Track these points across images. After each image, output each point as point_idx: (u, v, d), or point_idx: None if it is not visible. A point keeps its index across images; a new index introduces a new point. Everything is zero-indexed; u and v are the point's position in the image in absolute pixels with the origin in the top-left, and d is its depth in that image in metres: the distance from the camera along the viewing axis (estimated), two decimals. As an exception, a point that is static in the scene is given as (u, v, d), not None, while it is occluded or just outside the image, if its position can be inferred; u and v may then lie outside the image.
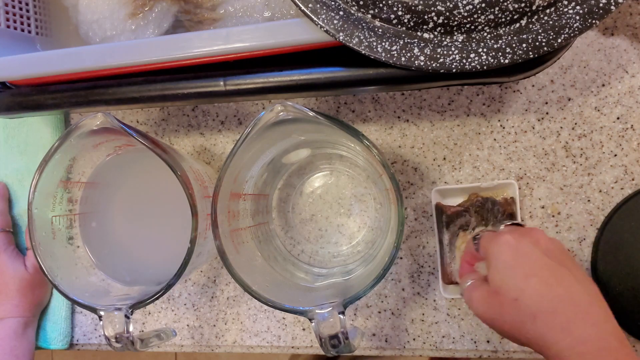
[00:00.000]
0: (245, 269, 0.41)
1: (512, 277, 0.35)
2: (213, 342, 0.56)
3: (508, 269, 0.35)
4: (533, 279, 0.34)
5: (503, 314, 0.35)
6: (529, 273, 0.34)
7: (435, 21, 0.37)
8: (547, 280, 0.34)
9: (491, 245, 0.37)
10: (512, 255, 0.35)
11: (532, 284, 0.34)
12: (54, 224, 0.46)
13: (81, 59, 0.44)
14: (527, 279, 0.34)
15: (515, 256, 0.35)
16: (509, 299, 0.34)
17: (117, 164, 0.50)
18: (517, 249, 0.35)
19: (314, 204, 0.54)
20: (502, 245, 0.36)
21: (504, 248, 0.36)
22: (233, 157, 0.40)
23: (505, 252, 0.35)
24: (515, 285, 0.34)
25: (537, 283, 0.34)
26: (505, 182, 0.49)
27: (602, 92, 0.49)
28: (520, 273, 0.34)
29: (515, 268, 0.35)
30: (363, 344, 0.53)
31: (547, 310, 0.33)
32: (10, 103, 0.48)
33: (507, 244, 0.36)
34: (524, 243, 0.36)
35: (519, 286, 0.34)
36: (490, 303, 0.36)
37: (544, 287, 0.34)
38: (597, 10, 0.35)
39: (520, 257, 0.35)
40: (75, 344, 0.59)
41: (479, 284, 0.38)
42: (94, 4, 0.49)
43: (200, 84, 0.44)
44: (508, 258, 0.35)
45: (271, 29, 0.41)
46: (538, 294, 0.34)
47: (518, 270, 0.35)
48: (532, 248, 0.35)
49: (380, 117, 0.52)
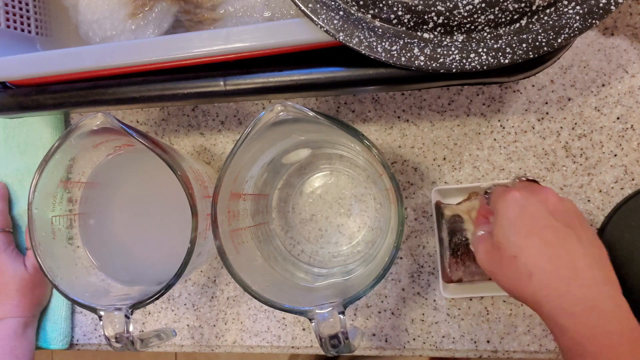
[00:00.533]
0: (245, 269, 0.41)
1: (513, 234, 0.35)
2: (213, 342, 0.56)
3: (511, 226, 0.35)
4: (533, 238, 0.34)
5: (502, 268, 0.35)
6: (531, 231, 0.34)
7: (435, 21, 0.37)
8: (547, 239, 0.34)
9: (499, 200, 0.37)
10: (517, 213, 0.35)
11: (531, 243, 0.34)
12: (54, 224, 0.46)
13: (81, 59, 0.44)
14: (528, 237, 0.34)
15: (520, 214, 0.35)
16: (508, 255, 0.35)
17: (117, 164, 0.50)
18: (523, 206, 0.35)
19: (314, 204, 0.54)
20: (509, 201, 0.36)
21: (511, 204, 0.36)
22: (233, 157, 0.40)
23: (511, 209, 0.36)
24: (515, 242, 0.35)
25: (537, 242, 0.34)
26: (505, 182, 0.49)
27: (602, 92, 0.49)
28: (522, 231, 0.35)
29: (518, 226, 0.35)
30: (363, 344, 0.53)
31: (544, 269, 0.33)
32: (10, 103, 0.48)
33: (514, 200, 0.36)
34: (531, 201, 0.35)
35: (519, 244, 0.34)
36: (492, 256, 0.36)
37: (544, 246, 0.34)
38: (597, 10, 0.35)
39: (524, 215, 0.35)
40: (75, 344, 0.59)
41: (486, 237, 0.38)
42: (94, 4, 0.49)
43: (200, 84, 0.44)
44: (512, 215, 0.35)
45: (271, 29, 0.41)
46: (536, 252, 0.34)
47: (520, 228, 0.35)
48: (539, 207, 0.35)
49: (380, 117, 0.52)
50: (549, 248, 0.34)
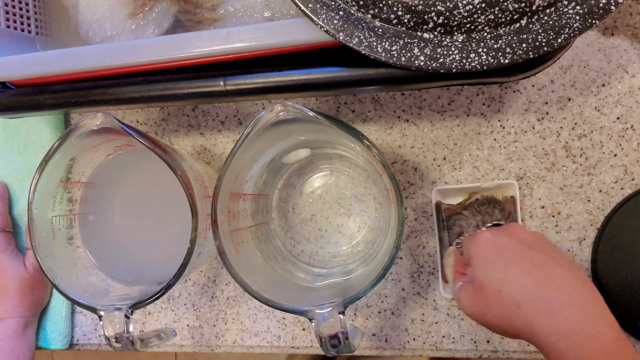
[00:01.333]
0: (245, 269, 0.41)
1: (493, 270, 0.35)
2: (213, 342, 0.56)
3: (488, 263, 0.36)
4: (513, 268, 0.35)
5: (489, 307, 0.35)
6: (509, 263, 0.35)
7: (435, 21, 0.37)
8: (527, 267, 0.34)
9: (471, 244, 0.38)
10: (491, 250, 0.36)
11: (513, 274, 0.34)
12: (54, 224, 0.46)
13: (81, 59, 0.44)
14: (508, 269, 0.35)
15: (494, 250, 0.36)
16: (492, 291, 0.35)
17: (117, 164, 0.50)
18: (495, 243, 0.36)
19: (314, 204, 0.54)
20: (480, 242, 0.37)
21: (483, 244, 0.37)
22: (233, 157, 0.40)
23: (484, 248, 0.36)
24: (497, 277, 0.35)
25: (518, 272, 0.34)
26: (505, 182, 0.49)
27: (602, 92, 0.49)
28: (501, 265, 0.35)
29: (495, 261, 0.35)
30: (363, 344, 0.53)
31: (531, 296, 0.33)
32: (10, 103, 0.48)
33: (485, 240, 0.37)
34: (501, 237, 0.37)
35: (501, 277, 0.35)
36: (476, 299, 0.36)
37: (525, 274, 0.34)
38: (597, 10, 0.35)
39: (499, 251, 0.36)
40: (75, 344, 0.59)
41: (466, 284, 0.38)
42: (94, 4, 0.49)
43: (200, 84, 0.44)
44: (487, 253, 0.36)
45: (271, 29, 0.41)
46: (520, 282, 0.34)
47: (498, 263, 0.35)
48: (510, 240, 0.36)
49: (380, 117, 0.52)
50: (530, 275, 0.34)
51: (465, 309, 0.38)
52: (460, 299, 0.38)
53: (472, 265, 0.37)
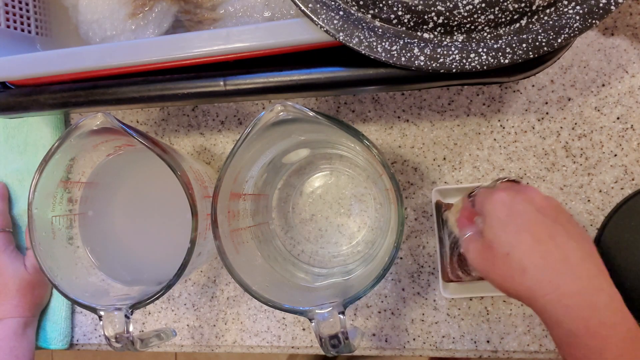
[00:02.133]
0: (245, 269, 0.41)
1: (504, 233, 0.35)
2: (213, 342, 0.56)
3: (501, 225, 0.36)
4: (524, 234, 0.35)
5: (495, 267, 0.36)
6: (521, 229, 0.35)
7: (435, 21, 0.37)
8: (538, 235, 0.35)
9: (486, 202, 0.37)
10: (505, 212, 0.36)
11: (523, 239, 0.35)
12: (54, 224, 0.46)
13: (81, 59, 0.44)
14: (519, 234, 0.35)
15: (509, 213, 0.36)
16: (501, 253, 0.35)
17: (117, 164, 0.50)
18: (510, 206, 0.36)
19: (314, 204, 0.54)
20: (496, 202, 0.37)
21: (498, 205, 0.36)
22: (233, 157, 0.40)
23: (499, 209, 0.36)
24: (507, 240, 0.35)
25: (529, 238, 0.34)
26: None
27: (602, 92, 0.49)
28: (513, 229, 0.35)
29: (508, 224, 0.35)
30: (363, 344, 0.53)
31: (537, 264, 0.34)
32: (10, 103, 0.48)
33: (501, 201, 0.36)
34: (517, 200, 0.36)
35: (511, 241, 0.35)
36: (484, 256, 0.37)
37: (535, 242, 0.34)
38: (597, 10, 0.35)
39: (513, 214, 0.36)
40: (75, 344, 0.59)
41: (476, 237, 0.38)
42: (94, 4, 0.49)
43: (200, 84, 0.44)
44: (501, 214, 0.36)
45: (271, 29, 0.41)
46: (529, 248, 0.34)
47: (510, 226, 0.35)
48: (526, 205, 0.36)
49: (380, 117, 0.52)
50: (540, 244, 0.34)
51: (471, 261, 0.38)
52: (468, 251, 0.39)
53: (485, 223, 0.37)
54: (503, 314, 0.50)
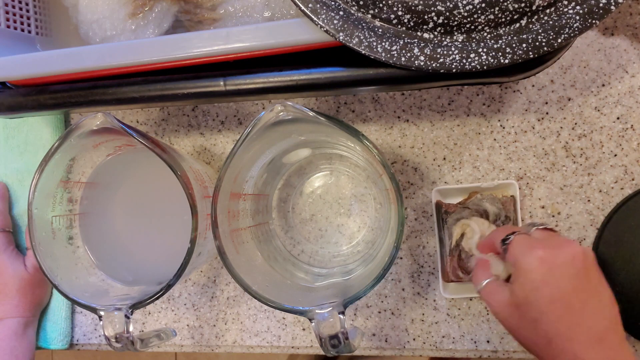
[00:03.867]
0: (245, 269, 0.41)
1: (536, 298, 0.34)
2: (213, 342, 0.56)
3: (535, 290, 0.34)
4: (558, 303, 0.33)
5: (520, 328, 0.35)
6: (555, 297, 0.34)
7: (435, 21, 0.37)
8: (571, 305, 0.33)
9: (523, 257, 0.35)
10: (542, 275, 0.34)
11: (555, 308, 0.33)
12: (54, 224, 0.46)
13: (81, 59, 0.44)
14: (552, 303, 0.33)
15: (545, 276, 0.34)
16: (529, 317, 0.34)
17: (117, 164, 0.50)
18: (550, 268, 0.34)
19: (314, 204, 0.54)
20: (534, 260, 0.34)
21: (536, 265, 0.34)
22: (233, 157, 0.40)
23: (536, 270, 0.34)
24: (537, 307, 0.34)
25: (560, 308, 0.33)
26: (505, 182, 0.49)
27: (602, 92, 0.49)
28: (546, 295, 0.34)
29: (542, 289, 0.34)
30: (363, 344, 0.53)
31: (563, 335, 0.33)
32: (10, 103, 0.48)
33: (540, 260, 0.34)
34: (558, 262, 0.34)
35: (541, 309, 0.34)
36: (510, 313, 0.36)
37: (566, 312, 0.33)
38: (597, 10, 0.35)
39: (550, 278, 0.34)
40: (75, 344, 0.59)
41: (499, 288, 0.37)
42: (94, 4, 0.49)
43: (200, 84, 0.44)
44: (537, 277, 0.34)
45: (271, 29, 0.41)
46: (558, 319, 0.33)
47: (544, 292, 0.34)
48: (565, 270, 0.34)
49: (380, 117, 0.52)
50: (570, 313, 0.33)
51: (495, 314, 0.37)
52: (491, 303, 0.37)
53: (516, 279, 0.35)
54: (503, 314, 0.50)
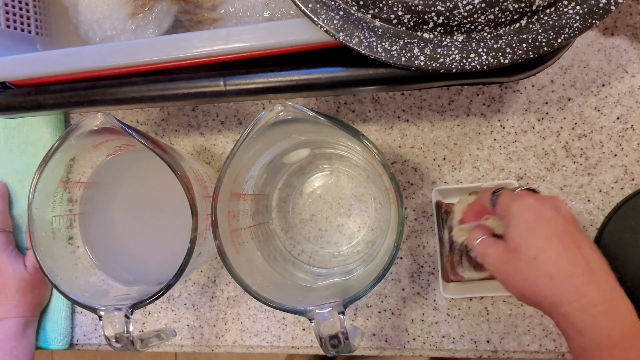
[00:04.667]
0: (245, 269, 0.41)
1: (533, 237, 0.35)
2: (213, 342, 0.56)
3: (530, 229, 0.36)
4: (554, 241, 0.35)
5: (519, 271, 0.36)
6: (550, 235, 0.35)
7: (435, 21, 0.37)
8: (566, 243, 0.35)
9: (513, 204, 0.37)
10: (534, 217, 0.36)
11: (552, 245, 0.35)
12: (54, 224, 0.46)
13: (81, 59, 0.44)
14: (548, 240, 0.35)
15: (538, 218, 0.36)
16: (527, 257, 0.35)
17: (117, 164, 0.50)
18: (539, 211, 0.36)
19: (314, 204, 0.54)
20: (524, 205, 0.36)
21: (527, 209, 0.36)
22: (233, 157, 0.40)
23: (528, 213, 0.36)
24: (535, 244, 0.35)
25: (558, 245, 0.35)
26: (505, 182, 0.49)
27: (602, 92, 0.49)
28: (542, 234, 0.35)
29: (537, 229, 0.35)
30: (363, 344, 0.53)
31: (565, 271, 0.34)
32: (10, 103, 0.48)
33: (530, 205, 0.36)
34: (546, 207, 0.36)
35: (540, 246, 0.35)
36: (506, 259, 0.37)
37: (564, 249, 0.35)
38: (597, 10, 0.35)
39: (542, 219, 0.36)
40: (75, 344, 0.59)
41: (494, 241, 0.38)
42: (94, 4, 0.49)
43: (200, 84, 0.44)
44: (530, 218, 0.36)
45: (271, 29, 0.41)
46: (557, 255, 0.34)
47: (539, 232, 0.35)
48: (554, 213, 0.36)
49: (380, 117, 0.52)
50: (568, 251, 0.35)
51: (491, 266, 0.38)
52: (486, 255, 0.38)
53: (510, 225, 0.37)
54: (503, 314, 0.50)
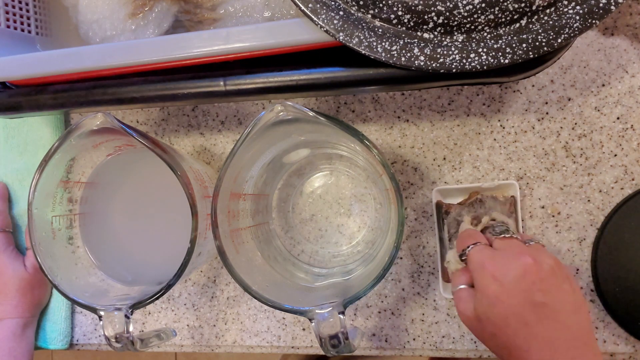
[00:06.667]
0: (245, 269, 0.41)
1: (492, 314, 0.36)
2: (213, 342, 0.56)
3: (490, 305, 0.36)
4: (512, 318, 0.35)
5: (483, 339, 0.37)
6: (509, 311, 0.35)
7: (435, 21, 0.37)
8: (526, 319, 0.35)
9: (477, 274, 0.37)
10: (495, 291, 0.36)
11: (510, 323, 0.35)
12: (54, 224, 0.46)
13: (81, 59, 0.44)
14: (507, 317, 0.35)
15: (498, 293, 0.35)
16: (487, 331, 0.36)
17: (117, 164, 0.50)
18: (501, 284, 0.35)
19: (314, 204, 0.54)
20: (486, 278, 0.36)
21: (488, 282, 0.36)
22: (233, 157, 0.40)
23: (489, 287, 0.36)
24: (494, 321, 0.35)
25: (515, 322, 0.35)
26: (505, 182, 0.49)
27: (602, 92, 0.49)
28: (501, 310, 0.35)
29: (496, 305, 0.35)
30: (363, 344, 0.53)
31: (521, 348, 0.34)
32: (10, 103, 0.48)
33: (491, 277, 0.36)
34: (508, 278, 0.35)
35: (498, 323, 0.35)
36: (472, 325, 0.38)
37: (522, 326, 0.35)
38: (597, 10, 0.35)
39: (502, 295, 0.35)
40: (75, 344, 0.59)
41: (468, 297, 0.39)
42: (94, 4, 0.49)
43: (200, 84, 0.44)
44: (491, 293, 0.36)
45: (271, 29, 0.41)
46: (514, 333, 0.35)
47: (498, 308, 0.35)
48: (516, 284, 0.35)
49: (380, 117, 0.52)
50: (526, 328, 0.34)
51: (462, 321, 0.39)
52: (459, 310, 0.39)
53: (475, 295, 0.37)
54: (503, 314, 0.50)
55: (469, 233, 0.42)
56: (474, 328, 0.38)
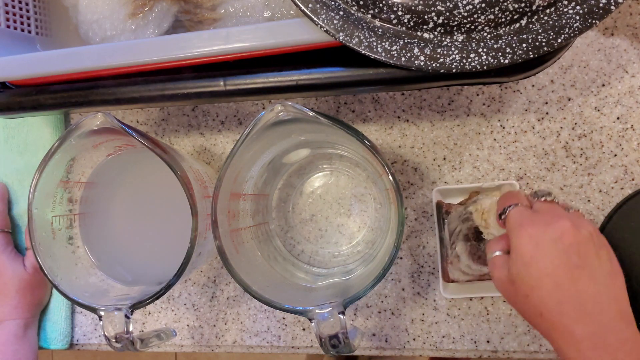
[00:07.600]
0: (245, 269, 0.41)
1: (527, 274, 0.35)
2: (213, 342, 0.56)
3: (525, 266, 0.36)
4: (545, 279, 0.35)
5: (516, 302, 0.37)
6: (543, 272, 0.35)
7: (435, 21, 0.37)
8: (559, 280, 0.34)
9: (514, 234, 0.37)
10: (530, 251, 0.35)
11: (543, 284, 0.35)
12: (54, 224, 0.46)
13: (81, 59, 0.44)
14: (540, 279, 0.35)
15: (534, 252, 0.35)
16: (521, 293, 0.36)
17: (117, 164, 0.50)
18: (537, 244, 0.35)
19: (314, 204, 0.54)
20: (523, 238, 0.36)
21: (525, 241, 0.36)
22: (233, 157, 0.40)
23: (525, 247, 0.36)
24: (528, 282, 0.35)
25: (549, 283, 0.34)
26: (505, 183, 0.49)
27: (602, 92, 0.49)
28: (535, 271, 0.35)
29: (531, 265, 0.35)
30: (363, 344, 0.53)
31: (553, 310, 0.34)
32: (10, 103, 0.48)
33: (528, 237, 0.36)
34: (545, 239, 0.35)
35: (531, 284, 0.35)
36: (506, 288, 0.38)
37: (555, 287, 0.34)
38: (597, 10, 0.35)
39: (538, 254, 0.35)
40: (75, 344, 0.59)
41: (502, 263, 0.38)
42: (94, 4, 0.49)
43: (200, 84, 0.44)
44: (527, 253, 0.36)
45: (271, 29, 0.41)
46: (547, 294, 0.34)
47: (533, 268, 0.35)
48: (553, 245, 0.35)
49: (380, 117, 0.52)
50: (559, 289, 0.34)
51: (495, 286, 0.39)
52: (493, 277, 0.39)
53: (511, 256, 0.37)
54: (503, 314, 0.50)
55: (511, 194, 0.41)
56: (507, 292, 0.37)
